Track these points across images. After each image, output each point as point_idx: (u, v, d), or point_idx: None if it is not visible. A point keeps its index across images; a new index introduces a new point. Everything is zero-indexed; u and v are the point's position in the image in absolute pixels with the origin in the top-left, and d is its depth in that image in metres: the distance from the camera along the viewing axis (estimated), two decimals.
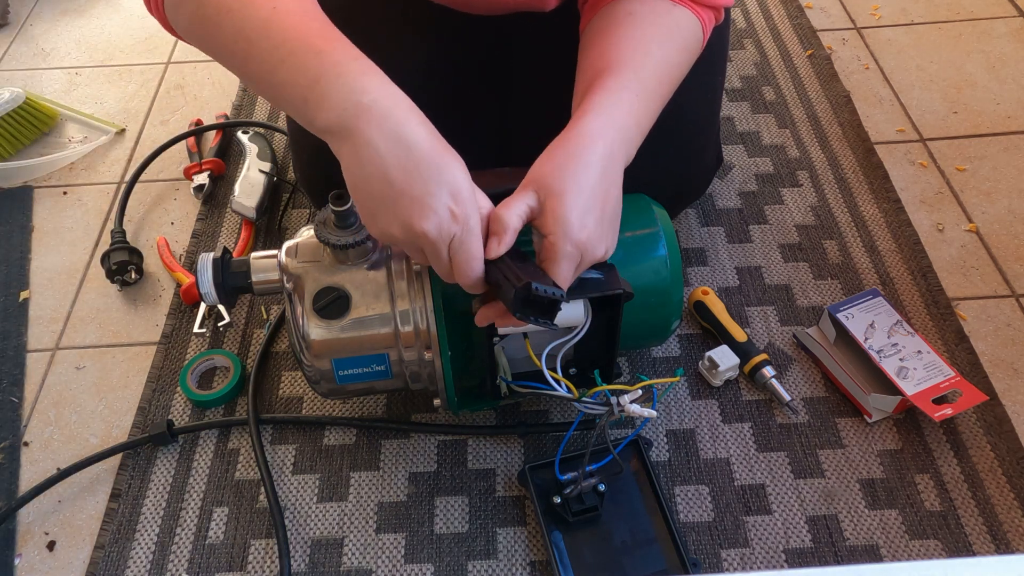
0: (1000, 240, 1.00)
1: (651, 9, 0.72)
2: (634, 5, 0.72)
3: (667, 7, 0.73)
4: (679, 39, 0.73)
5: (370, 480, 0.81)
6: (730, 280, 0.96)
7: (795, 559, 0.74)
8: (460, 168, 0.60)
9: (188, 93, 1.29)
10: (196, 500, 0.80)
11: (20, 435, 0.88)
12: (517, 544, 0.76)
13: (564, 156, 0.62)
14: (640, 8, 0.72)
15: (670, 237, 0.77)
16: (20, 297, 1.01)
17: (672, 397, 0.86)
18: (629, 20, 0.71)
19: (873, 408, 0.82)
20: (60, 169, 1.18)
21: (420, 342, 0.71)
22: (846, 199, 1.05)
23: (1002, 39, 1.28)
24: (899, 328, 0.87)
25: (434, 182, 0.58)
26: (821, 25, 1.33)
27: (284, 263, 0.73)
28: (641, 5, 0.72)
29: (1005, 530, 0.75)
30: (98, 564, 0.76)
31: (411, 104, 0.61)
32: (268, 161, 1.10)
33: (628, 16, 0.71)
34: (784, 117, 1.17)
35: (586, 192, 0.61)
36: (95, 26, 1.45)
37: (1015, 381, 0.86)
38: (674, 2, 0.73)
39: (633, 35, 0.70)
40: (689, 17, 0.74)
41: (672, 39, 0.73)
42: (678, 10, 0.73)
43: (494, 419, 0.85)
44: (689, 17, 0.74)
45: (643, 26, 0.71)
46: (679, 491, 0.79)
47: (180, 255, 1.04)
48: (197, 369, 0.90)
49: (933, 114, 1.17)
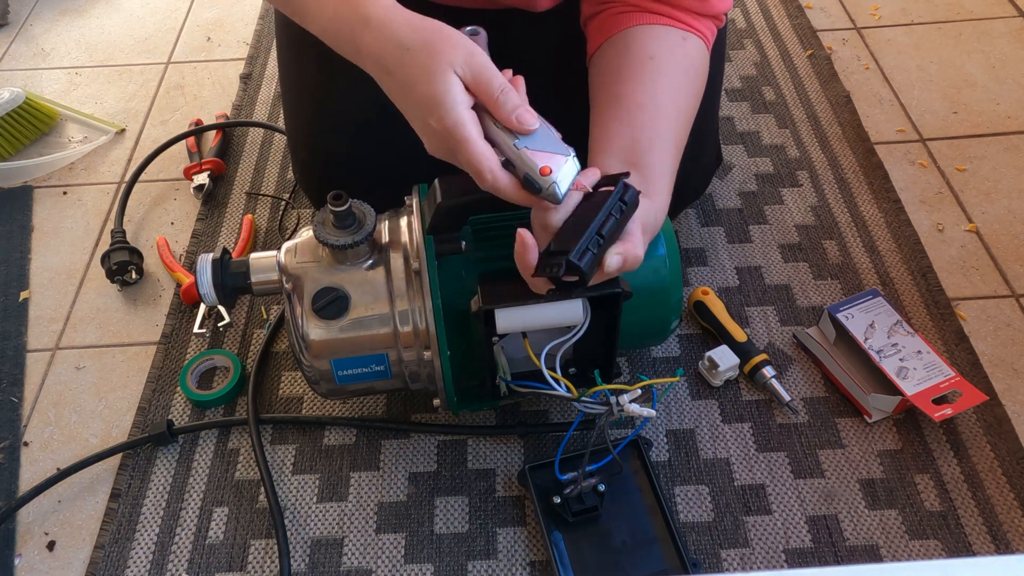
0: (1000, 240, 1.00)
1: (669, 48, 0.73)
2: (651, 44, 0.72)
3: (680, 40, 0.74)
4: (697, 81, 0.75)
5: (370, 480, 0.81)
6: (730, 280, 0.96)
7: (795, 559, 0.74)
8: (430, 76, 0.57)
9: (188, 93, 1.29)
10: (196, 500, 0.80)
11: (20, 435, 0.88)
12: (517, 544, 0.76)
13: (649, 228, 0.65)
14: (659, 49, 0.72)
15: (669, 237, 0.77)
16: (20, 297, 1.01)
17: (672, 397, 0.86)
18: (652, 66, 0.72)
19: (873, 408, 0.82)
20: (60, 169, 1.18)
21: (419, 342, 0.71)
22: (846, 199, 1.05)
23: (1002, 39, 1.28)
24: (899, 328, 0.87)
25: (410, 101, 0.59)
26: (821, 25, 1.33)
27: (283, 263, 0.73)
28: (658, 46, 0.73)
29: (1005, 530, 0.75)
30: (98, 564, 0.76)
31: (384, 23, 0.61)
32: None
33: (650, 61, 0.72)
34: (784, 117, 1.17)
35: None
36: (95, 26, 1.45)
37: (1015, 381, 0.86)
38: (685, 29, 0.74)
39: (663, 84, 0.71)
40: (699, 47, 0.75)
41: (692, 84, 0.74)
42: (689, 41, 0.74)
43: (494, 419, 0.85)
44: (699, 47, 0.75)
45: (669, 75, 0.72)
46: (679, 491, 0.79)
47: (180, 255, 1.04)
48: (197, 369, 0.90)
49: (933, 114, 1.17)
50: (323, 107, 0.88)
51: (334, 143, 0.88)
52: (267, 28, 1.40)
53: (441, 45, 0.58)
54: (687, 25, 0.74)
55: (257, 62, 1.33)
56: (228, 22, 1.44)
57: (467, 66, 0.58)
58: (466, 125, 0.57)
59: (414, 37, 0.59)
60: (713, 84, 0.93)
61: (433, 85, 0.57)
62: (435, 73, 0.57)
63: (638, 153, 0.68)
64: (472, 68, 0.58)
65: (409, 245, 0.72)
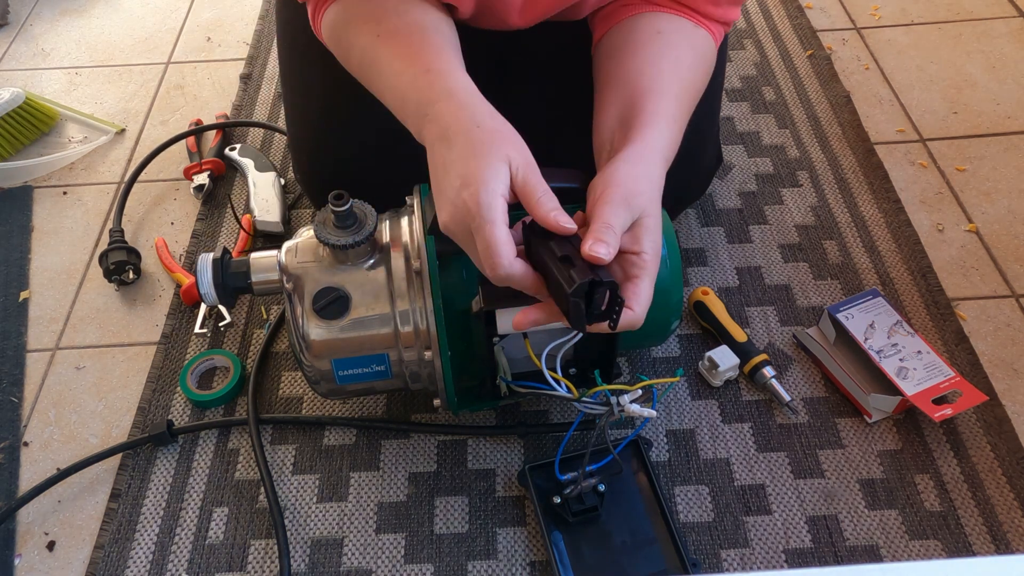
0: (1000, 240, 1.00)
1: (677, 28, 0.73)
2: (660, 23, 0.72)
3: (691, 28, 0.74)
4: (704, 63, 0.74)
5: (370, 480, 0.81)
6: (730, 280, 0.96)
7: (795, 559, 0.74)
8: (486, 155, 0.58)
9: (188, 93, 1.29)
10: (196, 500, 0.80)
11: (20, 435, 0.88)
12: (517, 544, 0.76)
13: (647, 181, 0.62)
14: (667, 27, 0.72)
15: (670, 237, 0.77)
16: (20, 297, 1.01)
17: (672, 397, 0.86)
18: (660, 39, 0.71)
19: (873, 408, 0.82)
20: (60, 169, 1.18)
21: (420, 342, 0.71)
22: (846, 199, 1.05)
23: (1002, 39, 1.28)
24: (899, 328, 0.87)
25: (453, 172, 0.59)
26: (821, 25, 1.33)
27: (284, 263, 0.73)
28: (668, 23, 0.72)
29: (1005, 530, 0.75)
30: (98, 564, 0.76)
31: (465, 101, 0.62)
32: (269, 170, 1.10)
33: (658, 35, 0.72)
34: (784, 117, 1.17)
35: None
36: (95, 26, 1.45)
37: (1015, 381, 0.86)
38: (695, 22, 0.74)
39: (668, 55, 0.71)
40: (707, 38, 0.75)
41: (699, 63, 0.74)
42: (700, 31, 0.74)
43: (494, 419, 0.85)
44: (707, 38, 0.75)
45: (676, 48, 0.72)
46: (679, 491, 0.79)
47: (180, 255, 1.04)
48: (197, 369, 0.90)
49: (933, 114, 1.17)
50: (327, 112, 0.88)
51: (336, 145, 0.88)
52: (267, 28, 1.40)
53: (507, 136, 0.60)
54: (698, 20, 0.74)
55: (257, 62, 1.33)
56: (228, 22, 1.44)
57: (520, 165, 0.58)
58: (496, 209, 0.57)
59: (489, 122, 0.61)
60: (714, 85, 0.93)
61: (484, 163, 0.58)
62: (491, 155, 0.58)
63: (629, 108, 0.67)
64: (523, 168, 0.59)
65: (410, 245, 0.72)
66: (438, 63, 0.66)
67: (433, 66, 0.65)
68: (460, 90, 0.63)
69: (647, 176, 0.62)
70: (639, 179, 0.61)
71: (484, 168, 0.57)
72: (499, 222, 0.56)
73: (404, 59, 0.66)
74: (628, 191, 0.60)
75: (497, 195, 0.57)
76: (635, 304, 0.58)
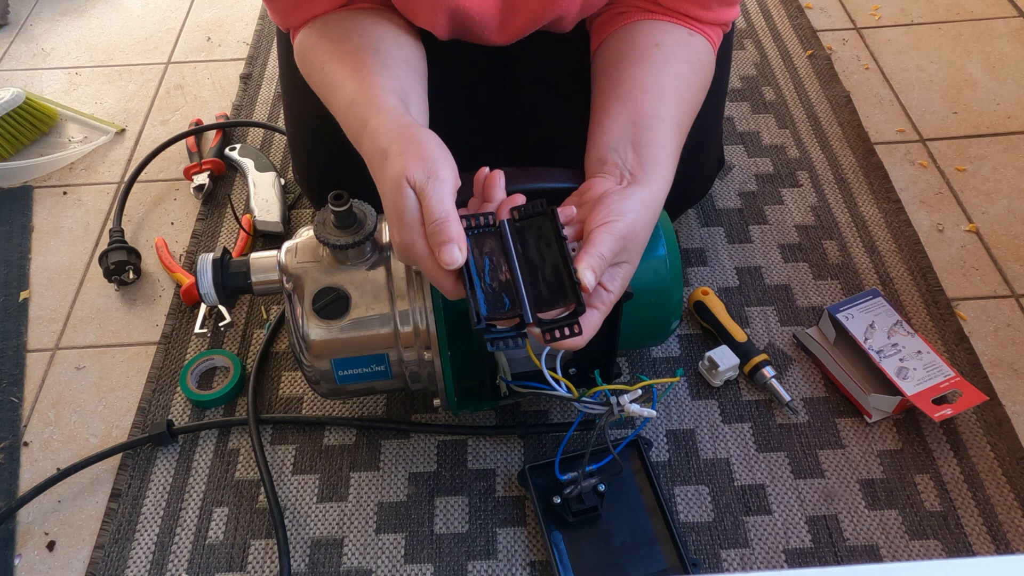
0: (1000, 240, 1.00)
1: (675, 41, 0.72)
2: (657, 35, 0.72)
3: (686, 35, 0.73)
4: (702, 76, 0.74)
5: (370, 480, 0.81)
6: (730, 280, 0.96)
7: (795, 559, 0.74)
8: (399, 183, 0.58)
9: (188, 93, 1.29)
10: (196, 500, 0.80)
11: (20, 435, 0.88)
12: (517, 544, 0.76)
13: (645, 232, 0.63)
14: (665, 40, 0.72)
15: (670, 237, 0.77)
16: (20, 297, 1.01)
17: (672, 397, 0.86)
18: (658, 53, 0.71)
19: (873, 408, 0.82)
20: (60, 169, 1.18)
21: (420, 342, 0.71)
22: (846, 199, 1.05)
23: (1002, 39, 1.28)
24: (899, 328, 0.87)
25: (386, 206, 0.60)
26: (821, 25, 1.33)
27: (284, 263, 0.73)
28: (664, 35, 0.72)
29: (1005, 530, 0.75)
30: (98, 564, 0.76)
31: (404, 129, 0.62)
32: (269, 170, 1.10)
33: (655, 48, 0.71)
34: (784, 117, 1.17)
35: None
36: (95, 26, 1.45)
37: (1015, 381, 0.86)
38: (690, 29, 0.74)
39: (667, 71, 0.71)
40: (704, 46, 0.74)
41: (697, 77, 0.73)
42: (696, 38, 0.74)
43: (494, 419, 0.85)
44: (704, 46, 0.74)
45: (674, 62, 0.71)
46: (679, 491, 0.79)
47: (180, 255, 1.04)
48: (197, 369, 0.90)
49: (933, 114, 1.17)
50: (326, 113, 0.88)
51: (334, 144, 0.88)
52: (267, 28, 1.40)
53: (406, 157, 0.59)
54: (693, 25, 0.74)
55: (257, 62, 1.33)
56: (228, 22, 1.44)
57: (422, 184, 0.58)
58: (418, 245, 0.58)
59: (394, 146, 0.60)
60: (717, 88, 0.92)
61: (395, 199, 0.58)
62: (399, 188, 0.58)
63: (637, 130, 0.67)
64: (424, 189, 0.58)
65: None
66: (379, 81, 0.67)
67: (374, 84, 0.67)
68: (373, 123, 0.63)
69: (647, 227, 0.63)
70: (646, 227, 0.63)
71: (395, 203, 0.59)
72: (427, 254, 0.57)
73: (353, 78, 0.68)
74: (632, 231, 0.60)
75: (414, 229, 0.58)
76: (586, 329, 0.58)
